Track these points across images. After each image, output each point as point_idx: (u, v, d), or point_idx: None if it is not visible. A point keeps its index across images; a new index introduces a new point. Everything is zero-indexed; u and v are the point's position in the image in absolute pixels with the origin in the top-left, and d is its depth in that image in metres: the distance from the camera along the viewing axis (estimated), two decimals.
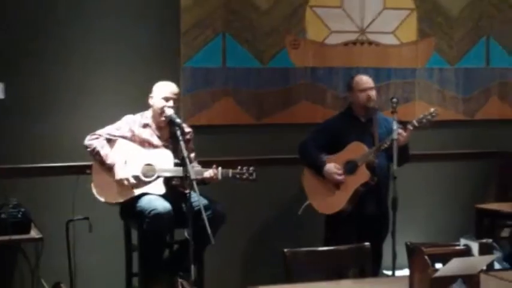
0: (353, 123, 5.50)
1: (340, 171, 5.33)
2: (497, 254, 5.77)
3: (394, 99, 5.25)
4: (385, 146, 5.25)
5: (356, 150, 5.35)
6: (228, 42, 5.87)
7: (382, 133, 5.42)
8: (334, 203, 5.37)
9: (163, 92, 5.06)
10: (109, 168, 4.96)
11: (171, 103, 5.03)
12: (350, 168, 5.34)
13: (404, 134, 5.19)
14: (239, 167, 5.00)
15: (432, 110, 5.33)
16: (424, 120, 5.28)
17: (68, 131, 5.46)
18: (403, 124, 5.24)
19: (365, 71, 6.09)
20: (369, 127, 5.48)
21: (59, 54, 5.48)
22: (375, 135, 5.42)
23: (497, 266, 5.65)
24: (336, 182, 5.34)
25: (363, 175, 5.32)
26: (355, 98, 5.50)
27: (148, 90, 5.11)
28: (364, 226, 5.31)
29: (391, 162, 5.27)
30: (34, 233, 4.79)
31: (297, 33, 6.04)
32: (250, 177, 5.00)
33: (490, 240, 4.10)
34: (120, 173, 4.93)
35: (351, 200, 5.32)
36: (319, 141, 5.45)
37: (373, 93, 5.49)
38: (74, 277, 5.22)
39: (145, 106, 5.13)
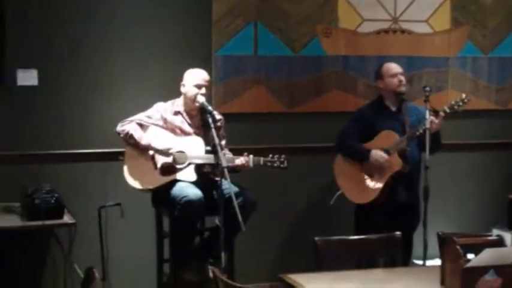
0: (384, 112, 5.49)
1: (385, 155, 5.31)
2: None
3: (427, 88, 5.23)
4: (418, 133, 5.23)
5: (387, 138, 5.34)
6: (259, 30, 5.87)
7: (413, 121, 5.40)
8: (367, 192, 5.35)
9: (195, 79, 5.08)
10: (145, 150, 4.97)
11: (203, 90, 5.05)
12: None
13: (436, 121, 5.17)
14: (270, 155, 5.01)
15: (464, 96, 5.31)
16: (456, 107, 5.26)
17: (100, 117, 5.50)
18: (435, 111, 5.21)
19: (397, 59, 6.04)
20: (399, 116, 5.46)
21: (92, 41, 5.51)
22: (406, 123, 5.40)
23: None
24: (382, 166, 5.30)
25: (395, 163, 5.30)
26: (386, 84, 5.49)
27: (180, 79, 5.13)
28: (395, 215, 5.29)
29: (422, 151, 5.25)
30: (67, 218, 4.83)
31: (329, 22, 6.02)
32: (282, 166, 5.01)
33: None
34: (160, 146, 4.94)
35: (384, 189, 5.31)
36: (354, 131, 5.44)
37: (403, 78, 5.50)
38: (106, 263, 5.26)
39: (177, 94, 5.15)
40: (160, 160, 4.98)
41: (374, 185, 5.34)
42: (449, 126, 5.78)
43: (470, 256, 3.24)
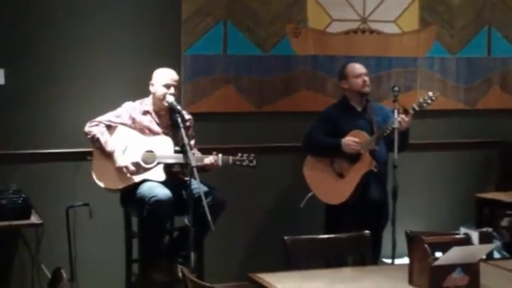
0: (350, 112, 5.50)
1: (357, 139, 5.32)
2: (496, 243, 5.79)
3: (396, 88, 5.26)
4: (386, 133, 5.25)
5: (357, 137, 5.35)
6: (229, 29, 5.86)
7: (379, 121, 5.43)
8: (339, 192, 5.35)
9: (164, 79, 5.06)
10: (109, 155, 4.96)
11: (172, 90, 5.03)
12: (353, 156, 5.34)
13: (406, 119, 5.19)
14: (239, 154, 5.02)
15: (431, 93, 5.32)
16: (425, 104, 5.28)
17: (68, 117, 5.46)
18: (404, 109, 5.24)
19: (366, 59, 6.08)
20: (365, 115, 5.48)
21: (60, 41, 5.47)
22: (373, 123, 5.42)
23: (496, 255, 5.66)
24: (354, 151, 5.30)
25: (367, 163, 5.31)
26: (351, 84, 5.50)
27: (149, 78, 5.11)
28: (365, 214, 5.30)
29: (390, 150, 5.29)
30: (34, 219, 4.78)
31: (298, 22, 6.02)
32: (251, 164, 5.01)
33: (489, 229, 4.11)
34: (120, 160, 4.93)
35: (356, 189, 5.31)
36: (322, 131, 5.45)
37: (367, 78, 5.52)
38: (74, 263, 5.22)
39: (146, 93, 5.13)
40: (129, 160, 4.96)
41: (345, 184, 5.34)
42: (418, 126, 5.81)
43: (438, 254, 3.26)
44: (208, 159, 4.95)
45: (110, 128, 5.03)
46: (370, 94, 5.63)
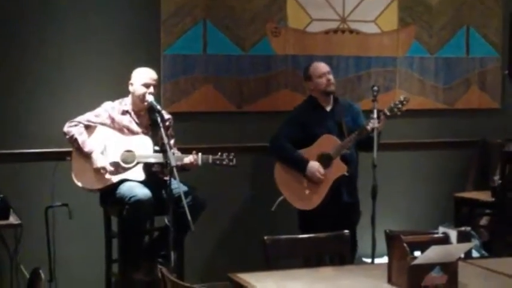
0: (318, 113, 5.45)
1: (322, 170, 5.29)
2: (475, 242, 5.82)
3: (375, 88, 5.24)
4: (358, 137, 5.24)
5: (328, 142, 5.32)
6: (208, 29, 5.86)
7: (349, 121, 5.41)
8: (311, 198, 5.31)
9: (143, 78, 5.05)
10: (87, 156, 4.94)
11: (151, 89, 5.02)
12: (324, 161, 5.31)
13: (376, 124, 5.13)
14: (219, 153, 5.02)
15: (402, 97, 5.32)
16: (396, 109, 5.28)
17: (47, 117, 5.44)
18: (376, 113, 5.18)
19: (346, 59, 6.11)
20: (334, 116, 5.43)
21: (37, 39, 5.45)
22: (342, 124, 5.38)
23: (475, 254, 5.69)
24: (317, 180, 5.29)
25: (339, 168, 5.29)
26: (315, 85, 5.45)
27: (128, 78, 5.11)
28: (336, 215, 5.27)
29: (358, 149, 5.33)
30: (13, 219, 4.75)
31: (278, 21, 6.03)
32: (230, 163, 5.02)
33: (468, 229, 4.13)
34: (98, 161, 4.91)
35: (328, 193, 5.32)
36: (290, 135, 5.38)
37: (331, 77, 5.45)
38: (53, 263, 5.20)
39: (125, 93, 5.12)
40: (108, 160, 4.95)
41: (317, 190, 5.32)
42: (397, 125, 5.84)
43: (417, 253, 3.27)
44: (188, 159, 4.95)
45: (89, 127, 5.02)
46: (350, 93, 5.64)
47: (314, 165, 5.29)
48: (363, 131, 5.22)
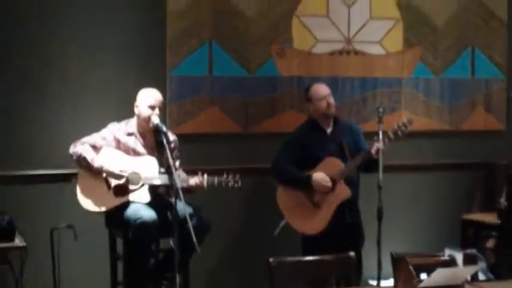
0: (318, 135, 5.44)
1: (328, 179, 5.29)
2: (481, 265, 5.79)
3: (380, 109, 5.22)
4: (360, 160, 5.24)
5: (331, 165, 5.31)
6: (214, 50, 5.88)
7: (349, 142, 5.42)
8: (315, 223, 5.29)
9: (148, 100, 5.05)
10: (97, 172, 4.93)
11: (156, 111, 5.03)
12: None
13: (380, 147, 5.12)
14: (224, 175, 5.00)
15: (405, 120, 5.34)
16: (399, 132, 5.28)
17: (52, 138, 5.44)
18: (378, 135, 5.18)
19: (351, 80, 6.12)
20: (335, 138, 5.43)
21: (43, 60, 5.46)
22: (344, 146, 5.37)
23: (481, 276, 5.66)
24: (326, 190, 5.27)
25: (343, 192, 5.29)
26: (315, 107, 5.45)
27: (134, 98, 5.11)
28: (339, 237, 5.24)
29: (359, 171, 5.34)
30: (18, 241, 4.76)
31: (283, 42, 6.05)
32: (236, 185, 5.00)
33: (474, 251, 4.11)
34: (113, 167, 4.90)
35: (332, 217, 5.29)
36: (291, 157, 5.36)
37: (331, 99, 5.46)
38: (58, 285, 5.19)
39: (131, 114, 5.13)
40: (114, 181, 4.94)
41: (321, 214, 5.29)
42: (402, 147, 5.84)
43: (423, 276, 3.27)
44: (194, 180, 4.94)
45: (94, 148, 5.02)
46: (356, 115, 5.63)
47: (318, 176, 5.28)
48: (368, 154, 5.22)
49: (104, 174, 4.94)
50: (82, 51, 5.54)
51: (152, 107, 5.03)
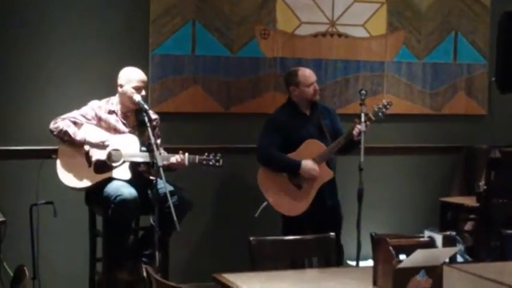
0: (298, 117, 5.43)
1: (316, 167, 5.30)
2: (460, 247, 5.84)
3: (363, 92, 5.23)
4: (343, 142, 5.26)
5: (313, 147, 5.33)
6: (197, 30, 5.86)
7: (327, 124, 5.44)
8: (297, 204, 5.32)
9: (134, 81, 4.99)
10: (80, 145, 4.91)
11: (143, 93, 5.00)
12: None
13: (362, 128, 5.11)
14: (206, 154, 5.00)
15: (385, 102, 5.36)
16: (380, 114, 5.31)
17: (33, 114, 5.42)
18: (358, 117, 5.19)
19: (334, 62, 6.13)
20: (314, 120, 5.44)
21: (22, 37, 5.43)
22: (323, 127, 5.40)
23: (459, 258, 5.71)
24: (313, 177, 5.29)
25: (326, 174, 5.33)
26: (302, 92, 5.42)
27: (116, 77, 5.06)
28: (319, 218, 5.30)
29: (338, 152, 5.36)
30: None
31: (267, 23, 6.04)
32: (217, 164, 5.00)
33: (453, 233, 4.13)
34: (96, 138, 4.88)
35: (314, 199, 5.33)
36: (275, 141, 5.36)
37: (317, 86, 5.47)
38: (37, 261, 5.18)
39: (113, 92, 5.10)
40: (95, 157, 4.92)
41: (303, 196, 5.32)
42: (384, 130, 5.85)
43: (402, 257, 3.28)
44: (175, 158, 4.93)
45: (75, 124, 4.99)
46: (338, 96, 5.62)
47: (308, 164, 5.29)
48: (350, 136, 5.23)
49: (87, 147, 4.91)
50: (65, 29, 5.51)
51: (138, 89, 4.99)
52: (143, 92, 5.01)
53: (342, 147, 5.33)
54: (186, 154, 4.95)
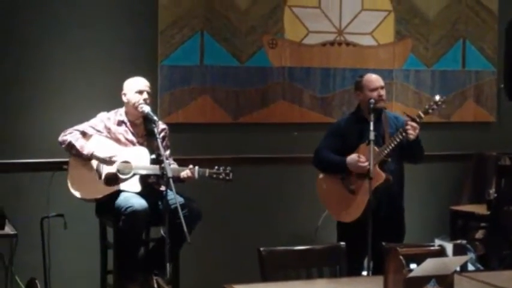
0: (361, 125, 5.21)
1: (362, 159, 5.08)
2: (470, 255, 5.82)
3: (372, 100, 5.18)
4: (396, 142, 5.07)
5: (366, 151, 5.08)
6: (206, 40, 5.87)
7: (393, 133, 5.19)
8: (352, 209, 5.15)
9: (136, 85, 5.04)
10: (87, 159, 4.93)
11: (145, 95, 5.02)
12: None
13: (415, 125, 5.04)
14: (216, 167, 4.97)
15: (437, 98, 5.20)
16: (430, 111, 5.17)
17: (44, 127, 5.44)
18: (411, 117, 5.08)
19: (342, 71, 6.13)
20: (378, 127, 5.18)
21: (33, 50, 5.45)
22: (385, 135, 5.19)
23: (470, 267, 5.69)
24: (362, 170, 5.06)
25: (377, 176, 5.06)
26: (365, 97, 5.21)
27: None
28: (378, 228, 4.97)
29: (404, 161, 5.24)
30: (8, 229, 4.74)
31: (275, 33, 6.05)
32: (227, 178, 4.97)
33: (463, 242, 4.13)
34: (103, 153, 4.90)
35: (368, 204, 5.03)
36: (331, 146, 5.24)
37: (383, 92, 5.25)
38: (49, 274, 5.18)
39: (121, 104, 5.11)
40: (105, 170, 4.94)
41: (358, 201, 5.13)
42: None
43: (412, 266, 3.28)
44: (185, 173, 4.91)
45: (84, 136, 5.01)
46: (347, 105, 5.55)
47: (353, 157, 5.12)
48: (396, 138, 5.06)
49: (95, 162, 4.93)
50: (74, 41, 5.53)
51: (140, 92, 5.01)
52: (145, 95, 5.01)
53: (406, 154, 5.19)
54: (196, 167, 4.93)
